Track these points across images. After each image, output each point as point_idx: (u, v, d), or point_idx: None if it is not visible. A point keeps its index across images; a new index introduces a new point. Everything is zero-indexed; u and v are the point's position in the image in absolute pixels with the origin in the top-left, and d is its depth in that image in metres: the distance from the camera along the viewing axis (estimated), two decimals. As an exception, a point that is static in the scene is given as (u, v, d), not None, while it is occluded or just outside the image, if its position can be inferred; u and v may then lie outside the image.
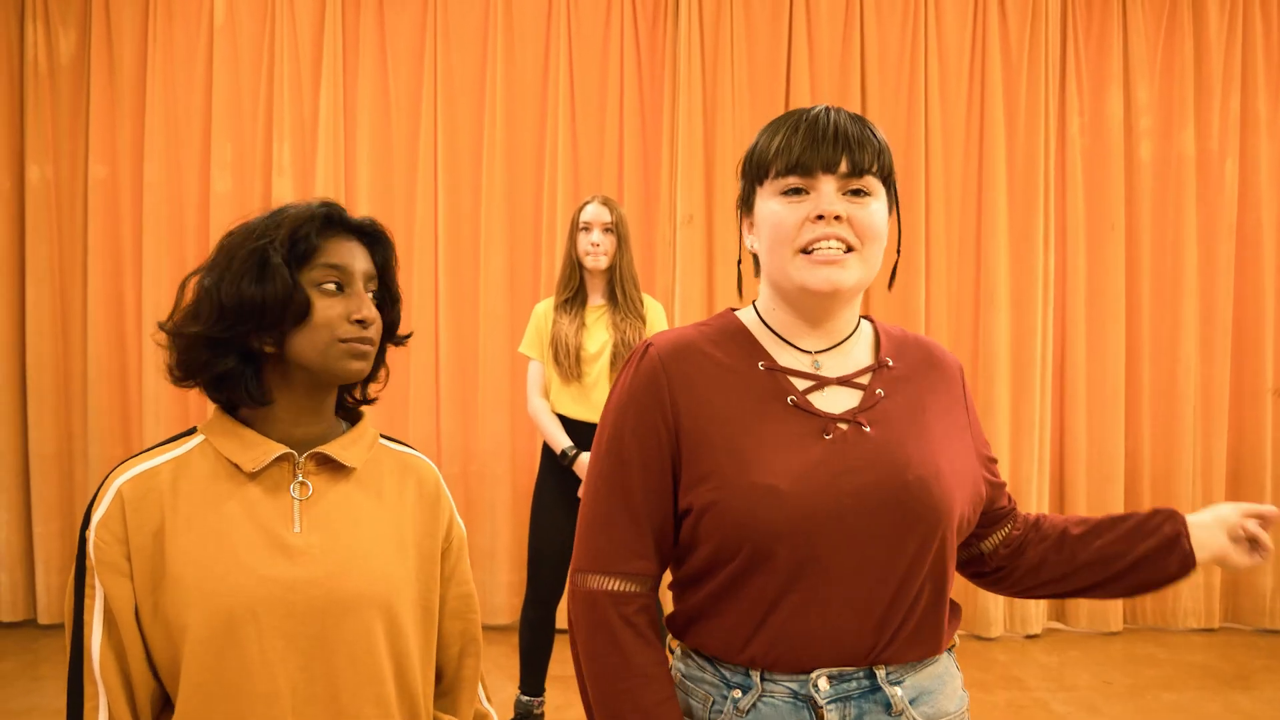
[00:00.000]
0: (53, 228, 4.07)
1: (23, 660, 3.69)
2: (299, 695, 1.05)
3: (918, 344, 1.22)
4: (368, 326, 1.11)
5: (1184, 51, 4.21)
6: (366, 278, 1.14)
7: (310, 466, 1.12)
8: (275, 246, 1.07)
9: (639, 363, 1.14)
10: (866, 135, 1.08)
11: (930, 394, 1.17)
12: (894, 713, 1.07)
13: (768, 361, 1.13)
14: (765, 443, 1.08)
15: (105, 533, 1.05)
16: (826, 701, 1.06)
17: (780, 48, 4.16)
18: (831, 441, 1.08)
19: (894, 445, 1.09)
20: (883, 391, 1.13)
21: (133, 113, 4.09)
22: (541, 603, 2.94)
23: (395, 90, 4.15)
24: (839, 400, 1.12)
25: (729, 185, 4.11)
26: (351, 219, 1.15)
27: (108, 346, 4.08)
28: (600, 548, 1.12)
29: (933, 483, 1.07)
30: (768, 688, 1.07)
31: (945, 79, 4.20)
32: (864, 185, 1.08)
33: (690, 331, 1.17)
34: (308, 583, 1.06)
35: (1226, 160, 4.21)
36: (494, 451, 4.10)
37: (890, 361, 1.16)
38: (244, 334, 1.08)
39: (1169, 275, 4.24)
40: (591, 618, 1.10)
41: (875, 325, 1.22)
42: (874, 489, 1.05)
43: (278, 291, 1.07)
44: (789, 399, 1.11)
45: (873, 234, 1.09)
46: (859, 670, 1.07)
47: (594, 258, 2.85)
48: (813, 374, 1.13)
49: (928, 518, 1.06)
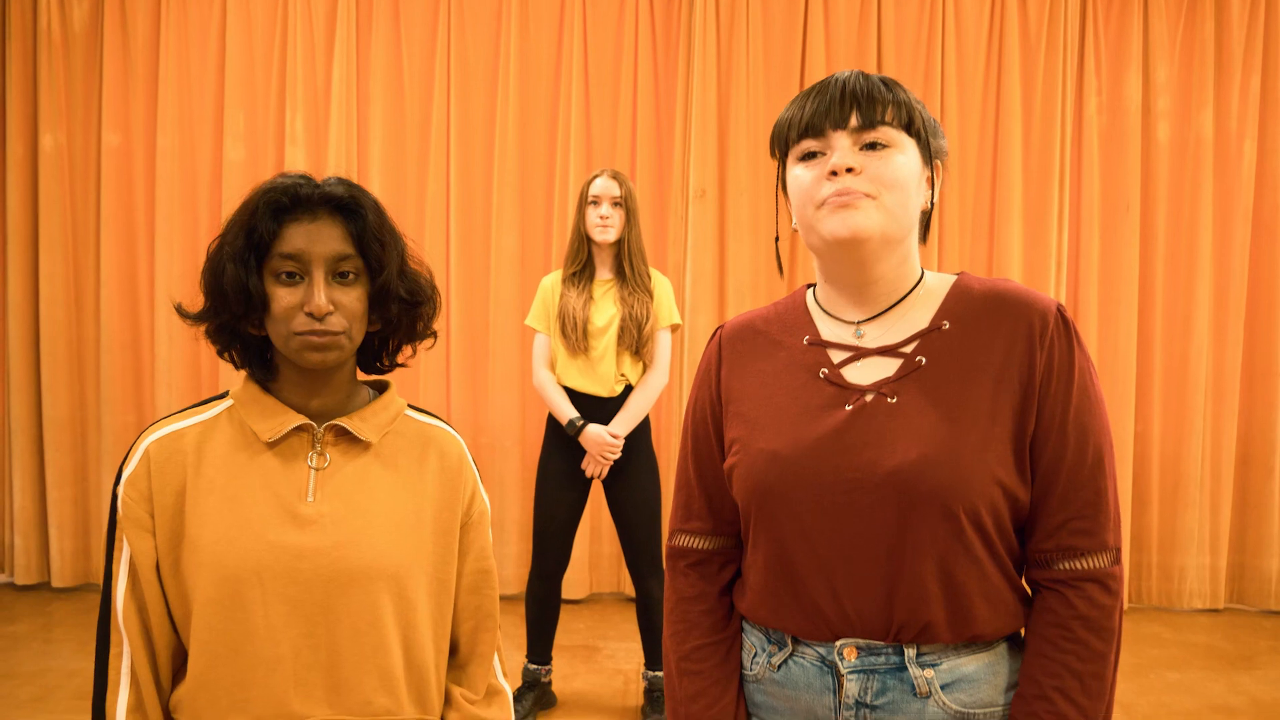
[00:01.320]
0: (66, 195, 4.09)
1: (37, 623, 3.75)
2: (301, 661, 1.07)
3: (991, 296, 1.10)
4: (321, 318, 1.06)
5: (1204, 32, 4.16)
6: (334, 258, 1.08)
7: (329, 438, 1.13)
8: (229, 241, 1.08)
9: (709, 343, 1.25)
10: (876, 89, 1.07)
11: (984, 355, 1.06)
12: (919, 694, 1.05)
13: (813, 336, 1.15)
14: (785, 413, 1.11)
15: (132, 490, 1.09)
16: (848, 671, 1.07)
17: (796, 22, 4.13)
18: (852, 413, 1.07)
19: (914, 419, 1.04)
20: (924, 359, 1.08)
21: (146, 81, 4.09)
22: (547, 574, 2.96)
23: (408, 60, 4.13)
24: (876, 370, 1.09)
25: (742, 160, 4.09)
26: (316, 193, 1.09)
27: (120, 313, 4.11)
28: (673, 508, 1.26)
29: (938, 462, 1.02)
30: (799, 649, 1.11)
31: (962, 57, 4.16)
32: (879, 137, 1.06)
33: (762, 310, 1.24)
34: (315, 552, 1.07)
35: (1245, 142, 4.16)
36: (503, 425, 4.12)
37: (946, 324, 1.09)
38: (229, 321, 1.10)
39: (1183, 257, 4.21)
40: (667, 567, 1.25)
41: (957, 281, 1.13)
42: (877, 465, 1.03)
43: (233, 287, 1.07)
44: (821, 371, 1.11)
45: (890, 182, 1.05)
46: (887, 646, 1.06)
47: (602, 231, 2.85)
48: (852, 345, 1.12)
49: (931, 499, 1.02)
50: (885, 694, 1.06)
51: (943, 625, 1.04)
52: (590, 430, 2.83)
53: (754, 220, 4.12)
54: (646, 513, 2.92)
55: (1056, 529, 1.06)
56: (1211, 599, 4.22)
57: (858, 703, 1.07)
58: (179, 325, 4.08)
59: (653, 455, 2.97)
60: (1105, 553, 1.05)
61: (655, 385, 2.92)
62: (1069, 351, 1.06)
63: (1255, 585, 4.24)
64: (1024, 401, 1.05)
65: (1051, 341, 1.05)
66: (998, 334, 1.07)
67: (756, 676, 1.15)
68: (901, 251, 1.11)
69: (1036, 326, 1.06)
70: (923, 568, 1.03)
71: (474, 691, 1.23)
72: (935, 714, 1.05)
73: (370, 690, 1.09)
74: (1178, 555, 4.20)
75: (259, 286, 1.07)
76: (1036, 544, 1.07)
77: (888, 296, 1.12)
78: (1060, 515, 1.05)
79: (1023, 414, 1.04)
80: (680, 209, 4.14)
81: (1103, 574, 1.04)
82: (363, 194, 1.12)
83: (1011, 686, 1.08)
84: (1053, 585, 1.06)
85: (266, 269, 1.08)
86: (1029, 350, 1.05)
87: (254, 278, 1.07)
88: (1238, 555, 4.27)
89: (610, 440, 2.83)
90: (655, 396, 2.93)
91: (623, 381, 2.90)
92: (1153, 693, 3.29)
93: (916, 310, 1.12)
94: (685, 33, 4.12)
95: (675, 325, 2.97)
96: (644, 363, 2.93)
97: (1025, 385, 1.05)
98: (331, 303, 1.07)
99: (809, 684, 1.10)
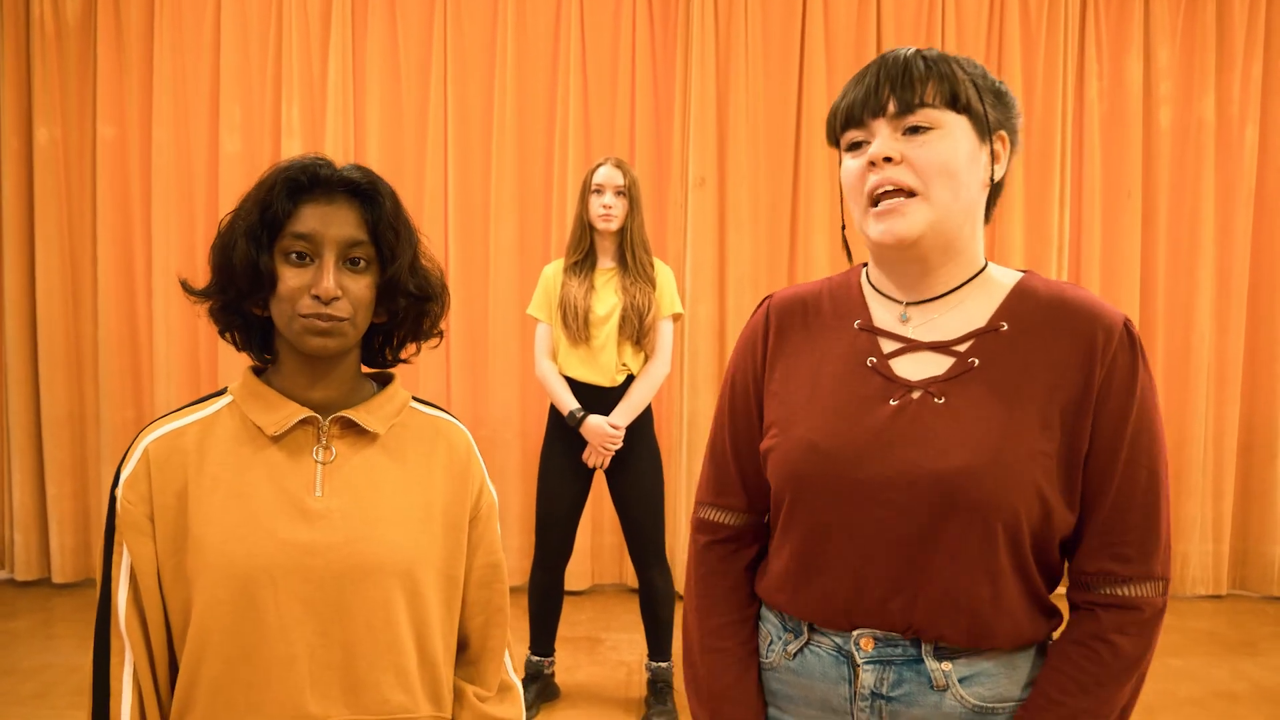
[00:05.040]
0: (61, 189, 4.06)
1: (37, 619, 3.74)
2: (316, 660, 1.04)
3: (1056, 302, 1.04)
4: (328, 302, 1.04)
5: (1206, 15, 4.13)
6: (347, 243, 1.06)
7: (335, 430, 1.11)
8: (243, 216, 1.06)
9: (754, 313, 1.21)
10: (914, 69, 1.01)
11: (1040, 364, 1.01)
12: (936, 687, 1.03)
13: (864, 320, 1.11)
14: (827, 401, 1.08)
15: (131, 492, 1.06)
16: (864, 661, 1.05)
17: (795, 8, 4.10)
18: (896, 409, 1.04)
19: (961, 423, 1.01)
20: (977, 360, 1.03)
21: (141, 73, 4.06)
22: (550, 566, 2.95)
23: (405, 50, 4.10)
24: (927, 366, 1.05)
25: (741, 148, 4.07)
26: (335, 175, 1.07)
27: (118, 308, 4.08)
28: (702, 479, 1.24)
29: (982, 472, 0.98)
30: (815, 638, 1.09)
31: (963, 41, 4.13)
32: (920, 120, 1.01)
33: (815, 284, 1.19)
34: (327, 547, 1.05)
35: (1247, 126, 4.14)
36: (504, 417, 4.11)
37: (1004, 325, 1.04)
38: (234, 299, 1.08)
39: (1185, 242, 4.20)
40: (691, 539, 1.24)
41: (1022, 281, 1.08)
42: (917, 468, 1.00)
43: (242, 263, 1.05)
44: (869, 360, 1.08)
45: (934, 170, 1.00)
46: (905, 640, 1.04)
47: (605, 220, 2.83)
48: (903, 336, 1.08)
49: (970, 509, 0.98)
50: (901, 685, 1.04)
51: (961, 633, 1.02)
52: (591, 421, 2.82)
53: (754, 209, 4.10)
54: (649, 503, 2.91)
55: (1100, 552, 1.02)
56: (1214, 585, 4.22)
57: (874, 693, 1.05)
58: (177, 318, 4.06)
59: (655, 445, 2.96)
60: (1150, 582, 1.01)
61: (657, 375, 2.91)
62: (1131, 369, 1.01)
63: (1258, 571, 4.24)
64: (1078, 417, 1.00)
65: (1114, 357, 1.00)
66: (1057, 343, 1.02)
67: (772, 664, 1.14)
68: (961, 237, 1.06)
69: (1100, 340, 1.01)
70: (949, 575, 1.01)
71: (486, 688, 1.21)
72: (953, 707, 1.03)
73: (386, 688, 1.07)
74: (1180, 542, 4.20)
75: (269, 264, 1.05)
76: (1079, 565, 1.04)
77: (943, 284, 1.08)
78: (1105, 538, 1.01)
79: (1075, 430, 1.00)
80: (680, 198, 4.11)
81: (1144, 603, 1.01)
82: (381, 182, 1.10)
83: (1031, 683, 1.05)
84: (1089, 606, 1.03)
85: (277, 248, 1.06)
86: (1088, 364, 1.00)
87: (264, 255, 1.05)
88: (1240, 541, 4.27)
89: (611, 431, 2.81)
90: (657, 386, 2.92)
91: (624, 371, 2.88)
92: (1156, 679, 3.28)
93: (973, 303, 1.07)
94: (683, 20, 4.09)
95: (677, 315, 2.95)
96: (645, 353, 2.91)
97: (1080, 400, 1.00)
98: (339, 288, 1.05)
99: (824, 673, 1.08)
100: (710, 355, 4.11)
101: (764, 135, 4.09)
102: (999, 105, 1.06)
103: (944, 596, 1.01)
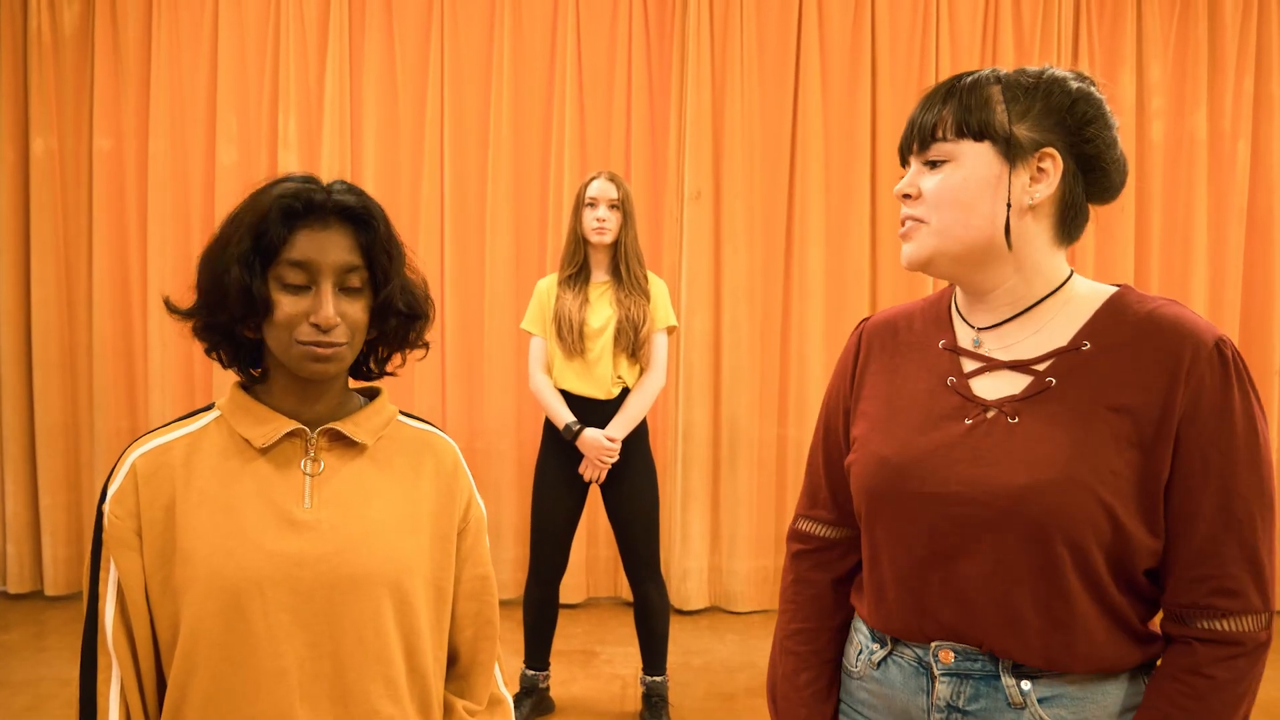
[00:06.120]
0: (57, 200, 4.06)
1: (29, 631, 3.72)
2: (305, 672, 1.04)
3: (1146, 320, 1.00)
4: (327, 330, 1.05)
5: (1198, 31, 4.16)
6: (343, 269, 1.06)
7: (323, 443, 1.11)
8: (235, 243, 1.05)
9: (851, 335, 1.26)
10: (931, 105, 1.07)
11: (1120, 384, 0.98)
12: (1013, 705, 1.02)
13: (948, 340, 1.14)
14: (905, 418, 1.11)
15: (118, 507, 1.06)
16: (942, 674, 1.06)
17: (790, 21, 4.12)
18: (970, 428, 1.05)
19: (1031, 442, 1.00)
20: (1054, 380, 1.02)
21: (137, 84, 4.07)
22: (545, 579, 2.95)
23: (402, 62, 4.12)
24: (1004, 386, 1.06)
25: (737, 161, 4.08)
26: (329, 200, 1.06)
27: (113, 319, 4.08)
28: (802, 492, 1.29)
29: (1045, 490, 0.97)
30: (898, 649, 1.12)
31: (957, 56, 4.15)
32: (934, 155, 1.06)
33: (910, 305, 1.24)
34: (315, 559, 1.05)
35: (1239, 141, 4.17)
36: (499, 429, 4.11)
37: (1086, 344, 1.02)
38: (224, 321, 1.08)
39: (1178, 257, 4.22)
40: (788, 546, 1.29)
41: (1113, 297, 1.05)
42: (983, 484, 1.01)
43: (236, 289, 1.04)
44: (949, 380, 1.10)
45: (937, 201, 1.05)
46: (983, 654, 1.04)
47: (599, 234, 2.84)
48: (985, 355, 1.08)
49: (1030, 526, 0.98)
50: (978, 700, 1.04)
51: (1032, 653, 1.01)
52: (587, 434, 2.82)
53: (749, 222, 4.11)
54: (644, 517, 2.91)
55: (1194, 585, 0.98)
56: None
57: (949, 705, 1.05)
58: (172, 330, 4.05)
59: (650, 458, 2.96)
60: (1250, 616, 0.97)
61: (652, 388, 2.91)
62: (1223, 390, 0.96)
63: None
64: (1157, 441, 0.96)
65: (1201, 377, 0.96)
66: (1141, 361, 0.98)
67: (860, 673, 1.16)
68: (1008, 261, 1.05)
69: (1186, 359, 0.96)
70: (1016, 594, 1.00)
71: (476, 701, 1.21)
72: None
73: (376, 699, 1.07)
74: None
75: (263, 290, 1.05)
76: (1171, 597, 1.00)
77: (1010, 306, 1.08)
78: (1199, 570, 0.98)
79: (1155, 453, 0.97)
80: (675, 211, 4.12)
81: (1245, 637, 0.97)
82: (373, 204, 1.10)
83: (1124, 711, 1.02)
84: (1185, 640, 0.99)
85: (272, 274, 1.06)
86: (1171, 384, 0.96)
87: (258, 281, 1.05)
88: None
89: (607, 444, 2.81)
90: (652, 399, 2.92)
91: (619, 384, 2.88)
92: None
93: (1055, 322, 1.06)
94: (679, 33, 4.11)
95: (672, 328, 2.95)
96: (641, 365, 2.92)
97: (1160, 422, 0.96)
98: (338, 314, 1.05)
99: (905, 684, 1.10)
100: (705, 368, 4.12)
101: (759, 148, 4.11)
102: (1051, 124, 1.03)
103: (1012, 615, 1.01)
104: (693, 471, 4.11)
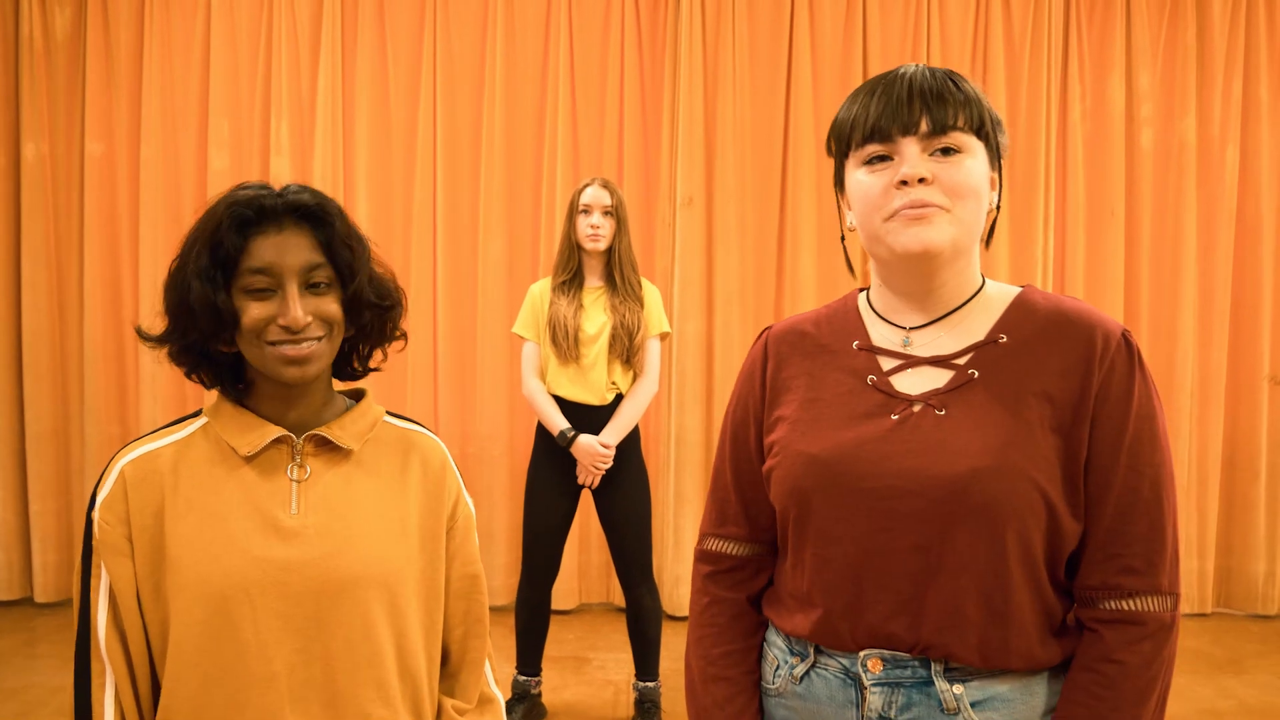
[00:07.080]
0: (48, 205, 4.05)
1: (19, 638, 3.70)
2: (295, 677, 1.05)
3: (1054, 314, 1.05)
4: (298, 332, 1.05)
5: (1186, 38, 4.19)
6: (306, 269, 1.06)
7: (309, 448, 1.12)
8: (194, 259, 1.05)
9: (753, 345, 1.23)
10: (947, 89, 1.02)
11: (1039, 373, 1.02)
12: (947, 710, 1.01)
13: (863, 341, 1.12)
14: (828, 418, 1.08)
15: (108, 514, 1.06)
16: (872, 684, 1.03)
17: (782, 28, 4.14)
18: (897, 422, 1.04)
19: (962, 432, 1.00)
20: (976, 372, 1.04)
21: (129, 89, 4.06)
22: (537, 585, 2.94)
23: (394, 68, 4.12)
24: (926, 381, 1.06)
25: (729, 167, 4.09)
26: (281, 203, 1.06)
27: (104, 324, 4.07)
28: (706, 510, 1.25)
29: (989, 475, 0.97)
30: (821, 660, 1.08)
31: (947, 62, 4.18)
32: (951, 142, 1.01)
33: (810, 313, 1.21)
34: (303, 564, 1.05)
35: (1228, 147, 4.20)
36: (491, 434, 4.10)
37: (1003, 337, 1.05)
38: (197, 341, 1.08)
39: (1168, 262, 4.24)
40: (695, 570, 1.24)
41: (1021, 295, 1.09)
42: (922, 475, 1.00)
43: (200, 305, 1.04)
44: (869, 378, 1.08)
45: (964, 191, 1.01)
46: (914, 659, 1.02)
47: (593, 240, 2.84)
48: (903, 353, 1.08)
49: (979, 513, 0.98)
50: (910, 709, 1.02)
51: (971, 650, 1.00)
52: (581, 441, 2.82)
53: (741, 227, 4.12)
54: (637, 522, 2.91)
55: (1103, 564, 1.00)
56: (1199, 603, 4.23)
57: (881, 717, 1.03)
58: (163, 335, 4.04)
59: (642, 464, 2.96)
60: (1156, 596, 0.99)
61: (646, 394, 2.91)
62: (1129, 377, 1.01)
63: (1242, 589, 4.26)
64: (1075, 425, 1.00)
65: (1111, 365, 1.00)
66: (1055, 352, 1.02)
67: (779, 690, 1.13)
68: (970, 260, 1.07)
69: (1097, 348, 1.01)
70: (959, 587, 0.99)
71: (466, 700, 1.21)
72: None
73: (367, 701, 1.07)
74: (1166, 559, 4.21)
75: (228, 303, 1.04)
76: (1083, 580, 1.02)
77: (946, 303, 1.08)
78: (1108, 549, 1.00)
79: (1074, 437, 1.00)
80: (668, 216, 4.13)
81: (1150, 618, 0.99)
82: (328, 200, 1.10)
83: (1049, 711, 1.03)
84: (1094, 625, 1.00)
85: (235, 285, 1.05)
86: (1085, 372, 1.00)
87: (222, 294, 1.04)
88: (1225, 559, 4.29)
89: (601, 450, 2.82)
90: (646, 405, 2.92)
91: (614, 390, 2.88)
92: (1143, 697, 3.29)
93: (973, 320, 1.08)
94: (671, 39, 4.12)
95: (665, 333, 2.96)
96: (634, 371, 2.92)
97: (1077, 407, 1.00)
98: (307, 313, 1.05)
99: (831, 696, 1.06)
100: (698, 374, 4.12)
101: (751, 154, 4.12)
102: (1001, 133, 1.08)
103: (953, 609, 0.99)
104: (685, 476, 4.11)
